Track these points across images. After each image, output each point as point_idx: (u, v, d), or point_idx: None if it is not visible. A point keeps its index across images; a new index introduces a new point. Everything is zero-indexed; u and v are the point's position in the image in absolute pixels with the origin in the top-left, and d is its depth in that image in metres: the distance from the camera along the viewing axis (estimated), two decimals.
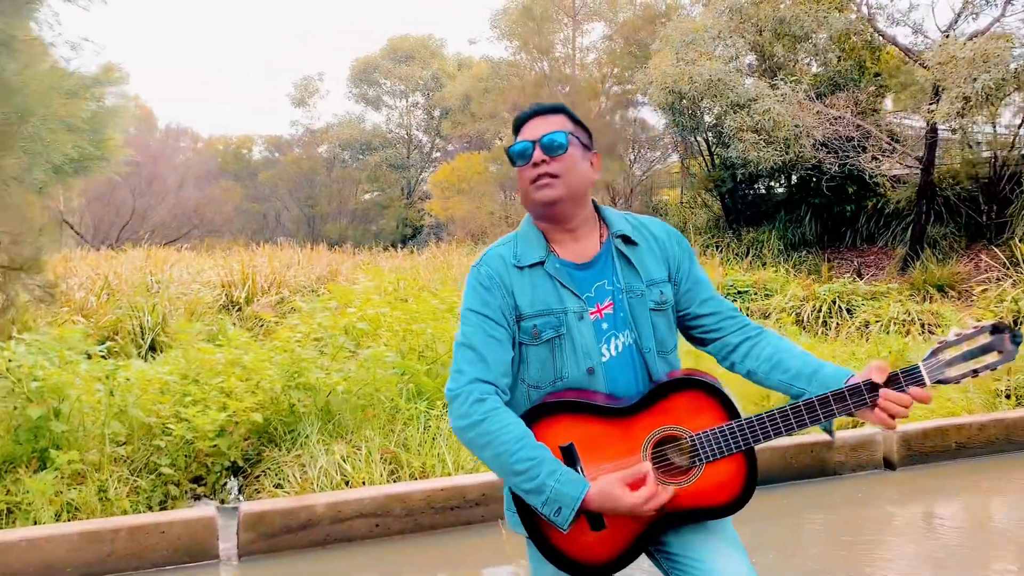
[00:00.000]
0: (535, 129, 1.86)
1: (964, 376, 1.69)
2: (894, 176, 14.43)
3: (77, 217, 25.44)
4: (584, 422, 1.76)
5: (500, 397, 1.77)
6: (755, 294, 10.80)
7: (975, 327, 1.69)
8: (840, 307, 9.68)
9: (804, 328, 9.36)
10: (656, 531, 1.77)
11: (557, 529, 1.70)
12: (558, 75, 20.11)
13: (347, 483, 4.41)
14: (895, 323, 8.87)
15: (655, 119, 21.41)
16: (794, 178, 16.40)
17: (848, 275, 12.15)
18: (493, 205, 22.21)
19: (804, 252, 14.73)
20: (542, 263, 1.86)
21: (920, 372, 1.69)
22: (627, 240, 1.91)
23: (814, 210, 15.34)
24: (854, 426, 5.33)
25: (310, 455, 4.60)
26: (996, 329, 1.68)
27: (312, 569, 3.78)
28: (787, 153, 12.99)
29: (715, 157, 17.37)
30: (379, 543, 3.99)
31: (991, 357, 1.69)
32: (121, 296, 9.26)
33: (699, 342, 2.01)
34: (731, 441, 1.73)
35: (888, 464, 5.03)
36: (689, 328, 1.99)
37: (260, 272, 11.12)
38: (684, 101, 14.72)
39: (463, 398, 1.75)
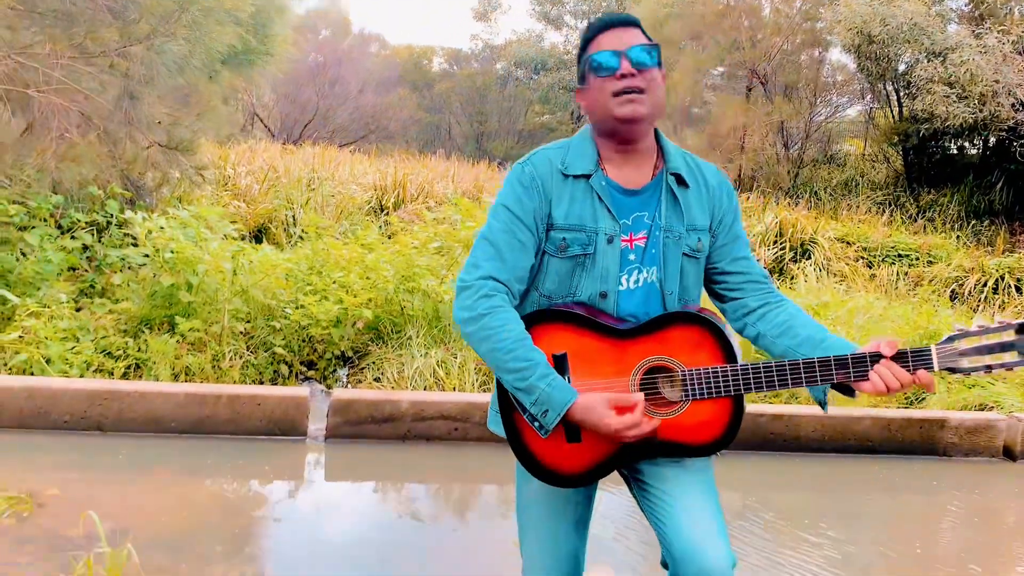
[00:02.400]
0: (618, 39, 1.76)
1: (976, 370, 1.64)
2: None
3: (266, 112, 26.97)
4: (581, 335, 1.74)
5: (509, 299, 1.75)
6: (916, 259, 10.05)
7: (1000, 323, 1.63)
8: (1009, 284, 8.86)
9: (962, 302, 8.64)
10: (630, 456, 1.75)
11: (535, 434, 1.73)
12: (744, 6, 19.02)
13: (439, 386, 4.59)
14: None
15: (848, 60, 19.96)
16: (991, 140, 14.92)
17: None
18: None
19: (987, 221, 13.48)
20: (588, 176, 1.80)
21: (930, 355, 1.64)
22: (680, 180, 1.85)
23: (1008, 176, 13.96)
24: (980, 408, 4.95)
25: (411, 355, 4.81)
26: (1022, 329, 1.61)
27: (391, 458, 4.00)
28: (981, 111, 11.82)
29: (903, 109, 16.06)
30: (456, 446, 4.15)
31: (1009, 356, 1.62)
32: (282, 188, 9.84)
33: (718, 297, 1.95)
34: (722, 383, 1.69)
35: (1008, 453, 4.65)
36: (713, 282, 1.94)
37: (413, 181, 11.44)
38: (873, 45, 13.60)
39: (472, 291, 1.73)
